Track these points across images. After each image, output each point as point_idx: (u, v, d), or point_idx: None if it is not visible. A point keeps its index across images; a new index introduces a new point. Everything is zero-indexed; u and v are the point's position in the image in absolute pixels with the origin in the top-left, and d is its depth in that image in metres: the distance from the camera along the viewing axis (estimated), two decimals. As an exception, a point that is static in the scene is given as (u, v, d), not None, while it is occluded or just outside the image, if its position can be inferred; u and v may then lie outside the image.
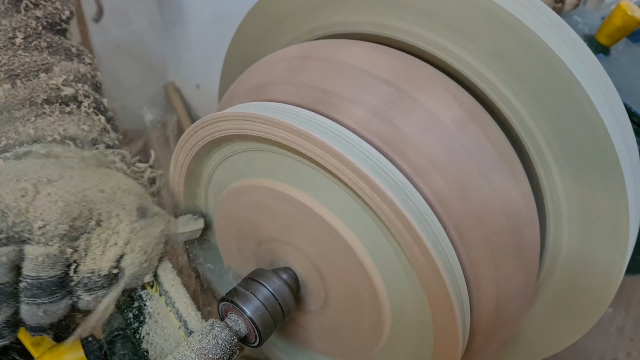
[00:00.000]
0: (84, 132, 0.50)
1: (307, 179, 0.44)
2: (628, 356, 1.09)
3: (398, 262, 0.42)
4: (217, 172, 0.52)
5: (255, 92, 0.48)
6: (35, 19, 0.53)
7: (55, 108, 0.50)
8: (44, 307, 0.41)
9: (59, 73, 0.52)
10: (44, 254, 0.39)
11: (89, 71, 0.55)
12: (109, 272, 0.43)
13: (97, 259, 0.42)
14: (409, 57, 0.46)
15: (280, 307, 0.47)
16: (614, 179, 0.41)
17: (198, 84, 1.67)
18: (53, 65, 0.52)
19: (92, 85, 0.55)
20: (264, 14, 0.57)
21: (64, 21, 0.56)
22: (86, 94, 0.52)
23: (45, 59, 0.51)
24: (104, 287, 0.43)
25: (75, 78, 0.53)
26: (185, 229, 0.52)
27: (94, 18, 1.45)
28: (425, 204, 0.39)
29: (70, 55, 0.55)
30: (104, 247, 0.42)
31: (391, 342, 0.47)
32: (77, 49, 0.56)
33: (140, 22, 1.57)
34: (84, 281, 0.42)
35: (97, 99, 0.54)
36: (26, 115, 0.49)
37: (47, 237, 0.39)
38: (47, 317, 0.42)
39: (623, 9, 0.64)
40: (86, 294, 0.43)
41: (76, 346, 0.48)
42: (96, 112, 0.53)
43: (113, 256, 0.43)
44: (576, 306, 0.49)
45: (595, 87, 0.40)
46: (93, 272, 0.42)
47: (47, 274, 0.40)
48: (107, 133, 0.53)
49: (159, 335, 0.48)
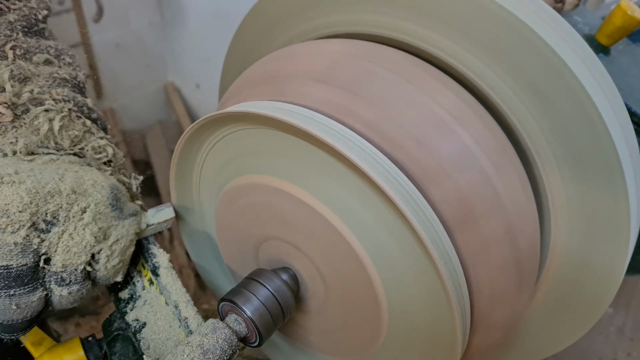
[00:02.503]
0: (66, 139, 0.49)
1: (307, 176, 0.44)
2: (628, 356, 1.09)
3: (397, 261, 0.42)
4: (208, 158, 0.52)
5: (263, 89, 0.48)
6: (8, 24, 0.51)
7: (28, 118, 0.48)
8: (16, 299, 0.42)
9: (35, 82, 0.50)
10: (11, 242, 0.40)
11: (69, 72, 0.54)
12: (83, 267, 0.43)
13: (70, 254, 0.43)
14: (408, 55, 0.46)
15: (280, 307, 0.47)
16: (615, 179, 0.41)
17: (198, 84, 1.67)
18: (30, 75, 0.50)
19: (73, 86, 0.53)
20: (264, 13, 0.57)
21: (41, 21, 0.55)
22: (66, 98, 0.51)
23: (20, 69, 0.49)
24: (77, 282, 0.44)
25: (54, 83, 0.51)
26: (155, 220, 0.52)
27: (94, 18, 1.45)
28: (429, 207, 0.40)
29: (50, 59, 0.53)
30: (78, 242, 0.43)
31: (389, 342, 0.47)
32: (55, 49, 0.54)
33: (140, 22, 1.57)
34: (56, 275, 0.43)
35: (79, 101, 0.52)
36: (4, 126, 0.47)
37: (12, 226, 0.40)
38: (20, 312, 0.42)
39: (623, 9, 0.64)
40: (59, 288, 0.43)
41: (76, 346, 0.48)
42: (79, 115, 0.52)
43: (87, 252, 0.43)
44: (576, 306, 0.49)
45: (597, 88, 0.40)
46: (66, 266, 0.43)
47: (17, 262, 0.40)
48: (92, 135, 0.51)
49: (159, 335, 0.48)
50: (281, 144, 0.44)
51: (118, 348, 0.49)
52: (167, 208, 0.54)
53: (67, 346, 0.49)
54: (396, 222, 0.40)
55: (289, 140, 0.43)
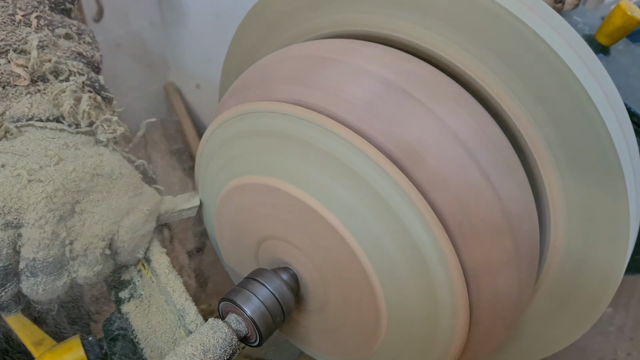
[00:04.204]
0: (74, 110, 0.51)
1: (306, 176, 0.44)
2: (628, 356, 1.09)
3: (395, 261, 0.42)
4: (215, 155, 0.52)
5: (260, 89, 0.48)
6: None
7: (47, 85, 0.51)
8: (42, 286, 0.44)
9: (53, 52, 0.52)
10: (38, 238, 0.41)
11: (88, 50, 0.56)
12: (102, 249, 0.45)
13: (90, 237, 0.44)
14: (409, 56, 0.46)
15: (280, 306, 0.47)
16: (614, 179, 0.41)
17: (198, 84, 1.67)
18: (49, 43, 0.53)
19: (89, 64, 0.56)
20: (264, 13, 0.57)
21: (69, 2, 0.58)
22: (80, 71, 0.53)
23: (44, 38, 0.52)
24: (99, 263, 0.45)
25: (71, 56, 0.54)
26: (184, 206, 0.54)
27: (94, 18, 1.45)
28: (429, 208, 0.40)
29: (70, 34, 0.56)
30: (97, 225, 0.44)
31: (388, 341, 0.47)
32: (78, 28, 0.57)
33: (140, 22, 1.57)
34: (79, 258, 0.44)
35: (92, 77, 0.55)
36: (19, 91, 0.49)
37: (40, 221, 0.41)
38: (46, 294, 0.44)
39: (623, 9, 0.64)
40: (83, 270, 0.45)
41: (76, 346, 0.48)
42: (90, 89, 0.54)
43: (104, 233, 0.45)
44: (576, 306, 0.49)
45: (597, 88, 0.40)
46: (87, 248, 0.44)
47: (44, 255, 0.42)
48: (101, 111, 0.53)
49: (159, 335, 0.48)
50: (282, 144, 0.44)
51: (118, 348, 0.49)
52: (193, 196, 0.55)
53: (67, 346, 0.49)
54: (396, 222, 0.40)
55: (290, 140, 0.43)
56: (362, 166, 0.40)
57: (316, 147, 0.42)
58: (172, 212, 0.53)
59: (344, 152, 0.41)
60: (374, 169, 0.40)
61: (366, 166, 0.40)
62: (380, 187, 0.40)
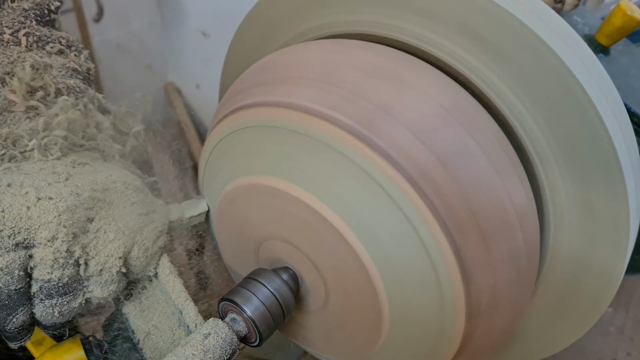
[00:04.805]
0: (79, 126, 0.49)
1: (307, 176, 0.44)
2: (628, 356, 1.09)
3: (397, 261, 0.42)
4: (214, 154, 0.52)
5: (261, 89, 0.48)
6: (22, 11, 0.52)
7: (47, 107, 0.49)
8: (58, 308, 0.42)
9: (49, 72, 0.50)
10: (52, 257, 0.40)
11: (82, 64, 0.54)
12: (119, 268, 0.43)
13: (105, 256, 0.43)
14: (408, 56, 0.46)
15: (280, 306, 0.47)
16: (614, 179, 0.41)
17: (198, 84, 1.67)
18: (41, 65, 0.50)
19: (84, 79, 0.54)
20: (264, 14, 0.57)
21: (53, 11, 0.55)
22: (79, 89, 0.51)
23: (37, 59, 0.50)
24: (114, 282, 0.44)
25: (67, 74, 0.52)
26: (192, 212, 0.53)
27: (94, 18, 1.45)
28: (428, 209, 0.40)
29: (62, 50, 0.53)
30: (110, 244, 0.43)
31: (389, 341, 0.47)
32: (66, 40, 0.55)
33: (140, 22, 1.57)
34: (94, 277, 0.43)
35: (91, 94, 0.53)
36: (17, 116, 0.47)
37: (52, 241, 0.39)
38: (62, 317, 0.43)
39: (623, 9, 0.64)
40: (97, 289, 0.43)
41: (76, 346, 0.48)
42: (90, 109, 0.52)
43: (120, 252, 0.43)
44: (576, 306, 0.49)
45: (597, 88, 0.40)
46: (103, 268, 0.43)
47: (58, 276, 0.40)
48: (106, 129, 0.52)
49: (159, 335, 0.48)
50: (281, 144, 0.44)
51: (118, 348, 0.49)
52: (199, 201, 0.54)
53: (67, 346, 0.48)
54: (396, 222, 0.40)
55: (290, 140, 0.43)
56: (365, 167, 0.40)
57: (317, 147, 0.42)
58: (181, 220, 0.52)
59: (346, 153, 0.41)
60: (376, 171, 0.40)
61: (369, 167, 0.40)
62: (386, 188, 0.40)
